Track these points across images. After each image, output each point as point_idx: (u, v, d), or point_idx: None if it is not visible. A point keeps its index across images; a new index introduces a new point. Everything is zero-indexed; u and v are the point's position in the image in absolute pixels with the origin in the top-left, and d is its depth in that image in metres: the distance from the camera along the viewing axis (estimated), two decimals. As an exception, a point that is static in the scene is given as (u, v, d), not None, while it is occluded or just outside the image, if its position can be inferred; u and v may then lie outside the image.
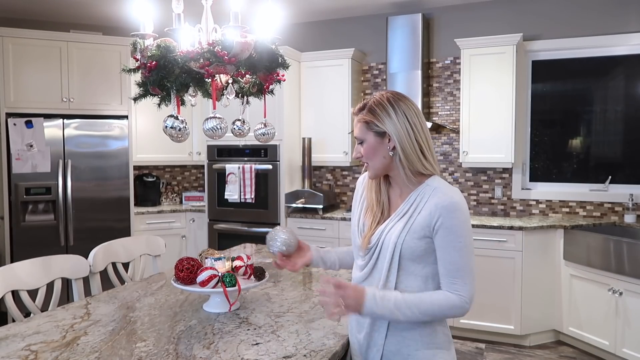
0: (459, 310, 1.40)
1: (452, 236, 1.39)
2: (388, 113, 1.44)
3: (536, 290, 3.83)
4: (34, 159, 4.23)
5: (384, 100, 1.46)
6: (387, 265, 1.44)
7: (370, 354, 1.50)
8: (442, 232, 1.39)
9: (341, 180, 5.02)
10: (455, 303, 1.38)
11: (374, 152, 1.47)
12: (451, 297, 1.39)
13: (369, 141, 1.47)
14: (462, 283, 1.39)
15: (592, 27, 4.10)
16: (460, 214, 1.40)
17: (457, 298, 1.38)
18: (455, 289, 1.39)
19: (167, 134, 1.86)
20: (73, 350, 1.51)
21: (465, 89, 4.17)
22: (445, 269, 1.40)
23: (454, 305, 1.39)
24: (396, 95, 1.48)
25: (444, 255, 1.40)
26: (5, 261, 4.19)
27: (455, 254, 1.39)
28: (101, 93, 4.51)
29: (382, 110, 1.44)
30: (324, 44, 4.91)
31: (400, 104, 1.45)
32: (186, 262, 1.85)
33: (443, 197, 1.41)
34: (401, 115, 1.44)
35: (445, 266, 1.40)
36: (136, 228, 4.70)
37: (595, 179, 4.22)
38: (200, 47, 1.79)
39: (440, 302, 1.39)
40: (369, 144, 1.47)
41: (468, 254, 1.40)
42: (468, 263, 1.40)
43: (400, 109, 1.44)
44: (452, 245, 1.39)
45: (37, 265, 2.10)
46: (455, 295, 1.39)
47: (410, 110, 1.45)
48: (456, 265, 1.39)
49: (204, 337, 1.61)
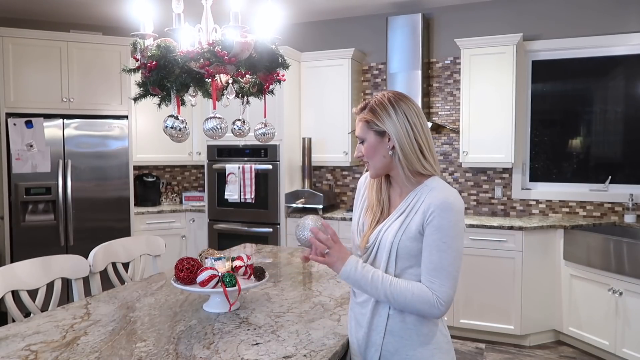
0: (431, 309, 1.38)
1: (437, 235, 1.38)
2: (388, 113, 1.44)
3: (536, 290, 3.83)
4: (34, 159, 4.23)
5: (384, 100, 1.46)
6: (384, 265, 1.45)
7: (369, 354, 1.50)
8: (430, 229, 1.39)
9: (341, 180, 5.02)
10: (429, 299, 1.37)
11: (374, 151, 1.48)
12: (427, 293, 1.38)
13: (369, 140, 1.48)
14: (439, 284, 1.37)
15: (592, 27, 4.10)
16: (451, 215, 1.38)
17: (432, 296, 1.37)
18: (432, 288, 1.38)
19: (167, 134, 1.86)
20: (73, 350, 1.51)
21: (465, 89, 4.17)
22: (425, 267, 1.40)
23: (427, 300, 1.37)
24: (397, 95, 1.48)
25: (426, 253, 1.40)
26: (5, 261, 4.19)
27: (437, 254, 1.38)
28: (101, 93, 4.51)
29: (383, 110, 1.45)
30: (324, 44, 4.91)
31: (401, 103, 1.46)
32: (186, 262, 1.85)
33: (438, 196, 1.41)
34: (401, 115, 1.44)
35: (425, 264, 1.40)
36: (136, 228, 4.70)
37: (595, 179, 4.22)
38: (200, 47, 1.79)
39: (414, 291, 1.38)
40: (369, 143, 1.48)
41: (452, 256, 1.38)
42: (450, 265, 1.38)
43: (400, 109, 1.44)
44: (435, 245, 1.38)
45: (37, 265, 2.10)
46: (431, 293, 1.38)
47: (410, 111, 1.45)
48: (435, 265, 1.38)
49: (204, 337, 1.61)
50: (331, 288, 2.19)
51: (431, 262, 1.39)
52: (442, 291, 1.37)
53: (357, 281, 1.43)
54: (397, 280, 1.41)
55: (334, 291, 2.14)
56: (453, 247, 1.38)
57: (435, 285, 1.38)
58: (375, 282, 1.41)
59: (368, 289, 1.42)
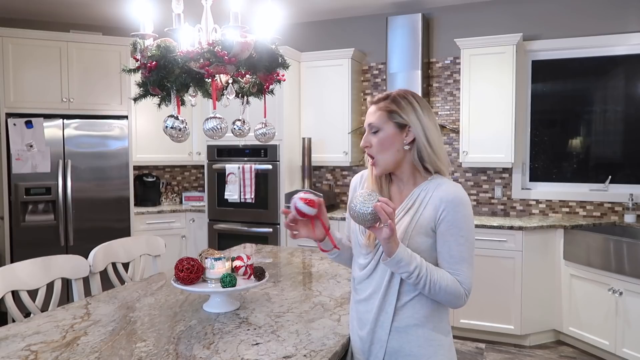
0: (458, 300, 1.42)
1: (454, 229, 1.41)
2: (413, 107, 1.46)
3: (536, 290, 3.83)
4: (34, 159, 4.23)
5: (408, 95, 1.49)
6: None
7: (374, 351, 1.50)
8: (445, 224, 1.41)
9: (341, 180, 5.02)
10: (459, 291, 1.42)
11: (390, 143, 1.46)
12: (458, 285, 1.42)
13: (386, 131, 1.46)
14: (464, 276, 1.42)
15: (592, 27, 4.10)
16: (463, 208, 1.42)
17: (461, 288, 1.42)
18: (459, 281, 1.42)
19: (167, 134, 1.86)
20: (73, 351, 1.51)
21: (465, 89, 4.17)
22: (445, 261, 1.43)
23: (458, 291, 1.41)
24: (416, 94, 1.51)
25: (445, 248, 1.42)
26: (5, 261, 4.19)
27: (457, 247, 1.41)
28: (101, 93, 4.51)
29: (407, 104, 1.46)
30: (324, 44, 4.91)
31: (423, 102, 1.50)
32: (186, 262, 1.85)
33: (447, 190, 1.43)
34: (424, 113, 1.47)
35: (446, 259, 1.43)
36: (136, 228, 4.70)
37: (595, 178, 4.22)
38: (200, 47, 1.79)
39: (449, 282, 1.40)
40: (387, 134, 1.46)
41: (469, 248, 1.43)
42: (470, 257, 1.43)
43: (424, 106, 1.48)
44: (454, 239, 1.41)
45: (37, 265, 2.10)
46: (460, 285, 1.42)
47: (429, 111, 1.49)
48: (456, 259, 1.42)
49: (204, 337, 1.61)
50: (331, 288, 2.19)
51: (452, 256, 1.42)
52: (467, 282, 1.43)
53: (407, 260, 1.36)
54: (435, 269, 1.41)
55: (334, 291, 2.14)
56: (470, 240, 1.43)
57: (461, 277, 1.42)
58: (421, 266, 1.38)
59: (412, 268, 1.36)
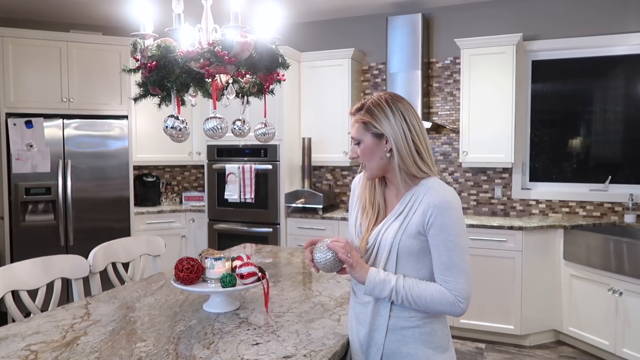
0: (452, 308, 1.39)
1: (443, 234, 1.39)
2: (386, 114, 1.44)
3: (536, 290, 3.83)
4: (34, 159, 4.23)
5: (382, 102, 1.46)
6: (384, 265, 1.45)
7: (371, 353, 1.50)
8: (434, 230, 1.39)
9: (341, 180, 5.02)
10: (448, 299, 1.39)
11: (371, 153, 1.47)
12: (446, 293, 1.39)
13: (366, 142, 1.47)
14: (454, 282, 1.39)
15: (592, 27, 4.10)
16: (452, 212, 1.39)
17: (451, 296, 1.39)
18: (449, 288, 1.39)
19: (167, 134, 1.86)
20: (73, 350, 1.51)
21: (465, 89, 4.17)
22: (437, 268, 1.41)
23: (447, 301, 1.39)
24: (394, 96, 1.48)
25: (435, 254, 1.41)
26: (5, 261, 4.19)
27: (446, 253, 1.39)
28: (101, 93, 4.51)
29: (381, 112, 1.44)
30: (324, 44, 4.91)
31: (399, 105, 1.46)
32: (186, 262, 1.85)
33: (436, 195, 1.41)
34: (399, 117, 1.44)
35: (437, 265, 1.41)
36: (136, 228, 4.70)
37: (595, 179, 4.22)
38: (200, 47, 1.79)
39: (433, 294, 1.39)
40: (366, 145, 1.47)
41: (460, 253, 1.39)
42: (461, 261, 1.39)
43: (398, 111, 1.44)
44: (443, 244, 1.39)
45: (37, 265, 2.10)
46: (449, 292, 1.39)
47: (408, 112, 1.45)
48: (446, 264, 1.39)
49: (204, 337, 1.61)
50: (331, 288, 2.19)
51: (442, 262, 1.40)
52: (459, 288, 1.39)
53: (381, 286, 1.41)
54: (416, 284, 1.41)
55: (334, 291, 2.14)
56: (460, 244, 1.39)
57: (451, 284, 1.39)
58: (398, 287, 1.40)
59: (387, 293, 1.41)
